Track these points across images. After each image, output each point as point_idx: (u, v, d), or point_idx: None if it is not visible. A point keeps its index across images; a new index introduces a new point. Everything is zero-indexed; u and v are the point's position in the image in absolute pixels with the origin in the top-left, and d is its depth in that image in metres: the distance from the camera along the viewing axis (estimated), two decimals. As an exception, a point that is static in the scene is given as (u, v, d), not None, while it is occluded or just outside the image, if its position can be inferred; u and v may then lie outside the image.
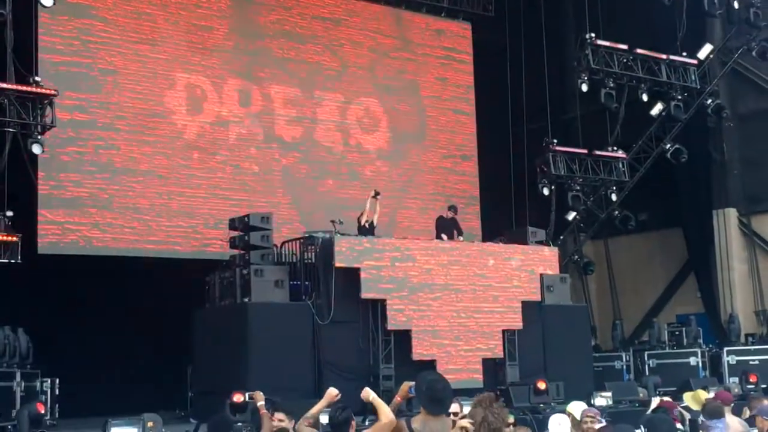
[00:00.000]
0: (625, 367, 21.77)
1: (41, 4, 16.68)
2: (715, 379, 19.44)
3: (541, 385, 16.51)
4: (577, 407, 8.90)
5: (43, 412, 13.94)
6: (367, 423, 10.71)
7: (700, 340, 21.43)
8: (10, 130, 16.09)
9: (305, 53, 21.81)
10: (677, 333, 21.64)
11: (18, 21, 16.41)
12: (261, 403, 8.89)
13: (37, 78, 16.43)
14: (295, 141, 21.42)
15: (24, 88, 16.08)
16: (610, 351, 22.67)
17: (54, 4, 16.83)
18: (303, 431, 7.11)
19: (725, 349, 20.97)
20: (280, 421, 8.48)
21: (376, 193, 17.74)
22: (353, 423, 6.76)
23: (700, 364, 20.79)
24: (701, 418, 9.06)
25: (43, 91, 16.30)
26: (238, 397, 13.14)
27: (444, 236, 18.24)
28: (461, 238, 18.58)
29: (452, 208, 18.89)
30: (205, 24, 20.50)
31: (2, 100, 15.82)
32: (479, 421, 5.13)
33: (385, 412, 6.58)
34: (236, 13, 20.96)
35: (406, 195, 22.67)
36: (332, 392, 7.57)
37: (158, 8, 19.94)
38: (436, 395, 6.42)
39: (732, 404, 10.05)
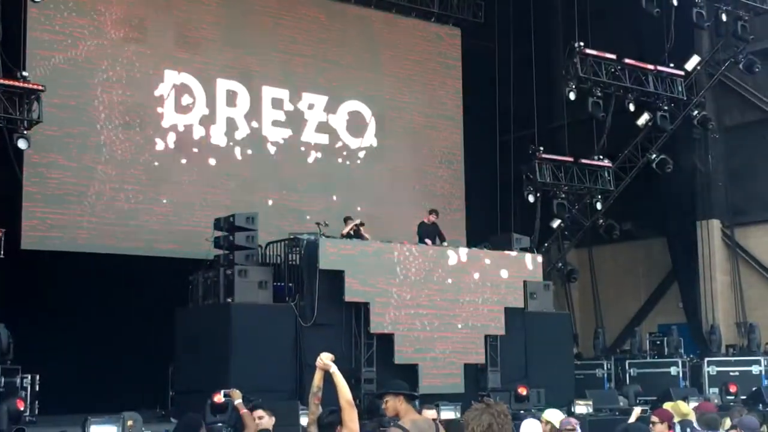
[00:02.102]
0: (606, 375, 21.84)
1: (30, -2, 16.65)
2: (695, 389, 19.54)
3: (522, 391, 16.58)
4: (554, 415, 8.85)
5: (22, 408, 13.89)
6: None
7: (681, 350, 21.51)
8: (-3, 124, 16.06)
9: (294, 54, 21.79)
10: (659, 342, 21.72)
11: (6, 15, 16.38)
12: (239, 401, 8.84)
13: (24, 73, 16.40)
14: (281, 142, 21.41)
15: (11, 82, 16.06)
16: (591, 359, 22.73)
17: (42, -1, 16.80)
18: (312, 409, 6.98)
19: (706, 359, 21.06)
20: (260, 418, 8.45)
21: (361, 223, 17.65)
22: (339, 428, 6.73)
23: (681, 374, 20.87)
24: (695, 426, 9.04)
25: (31, 86, 16.28)
26: (218, 398, 13.11)
27: (428, 241, 18.26)
28: (445, 244, 18.60)
29: (433, 212, 18.87)
30: (194, 21, 20.48)
31: (-11, 94, 15.80)
32: (485, 427, 5.12)
33: (345, 393, 6.55)
34: (226, 12, 20.95)
35: (392, 199, 22.65)
36: (323, 358, 6.93)
37: (147, 4, 19.91)
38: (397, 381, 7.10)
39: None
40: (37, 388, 16.04)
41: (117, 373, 17.89)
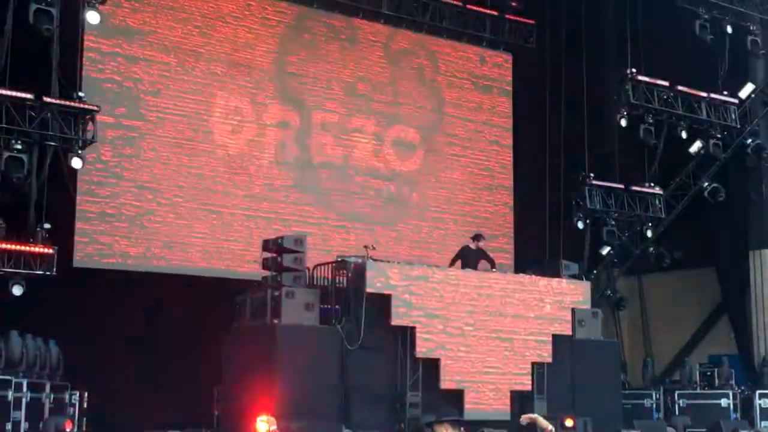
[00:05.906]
0: (654, 405, 21.54)
1: (87, 21, 16.93)
2: (746, 422, 19.21)
3: (569, 422, 16.37)
4: None
5: (69, 429, 13.99)
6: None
7: (732, 382, 21.15)
8: (52, 144, 16.34)
9: (345, 78, 21.96)
10: (709, 373, 21.38)
11: (64, 37, 16.69)
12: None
13: (80, 93, 16.69)
14: (331, 164, 21.54)
15: (67, 102, 16.34)
16: (640, 389, 22.44)
17: (100, 21, 17.08)
18: None
19: (758, 392, 20.69)
20: None
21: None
22: None
23: (732, 406, 20.53)
24: None
25: (86, 106, 16.58)
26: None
27: (480, 264, 18.15)
28: (494, 270, 18.47)
29: (477, 237, 18.68)
30: (247, 45, 20.70)
31: (45, 114, 16.10)
32: None
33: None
34: (279, 36, 21.15)
35: (440, 223, 22.68)
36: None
37: (202, 29, 20.15)
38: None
39: None
40: (86, 405, 16.21)
41: (164, 391, 17.99)
